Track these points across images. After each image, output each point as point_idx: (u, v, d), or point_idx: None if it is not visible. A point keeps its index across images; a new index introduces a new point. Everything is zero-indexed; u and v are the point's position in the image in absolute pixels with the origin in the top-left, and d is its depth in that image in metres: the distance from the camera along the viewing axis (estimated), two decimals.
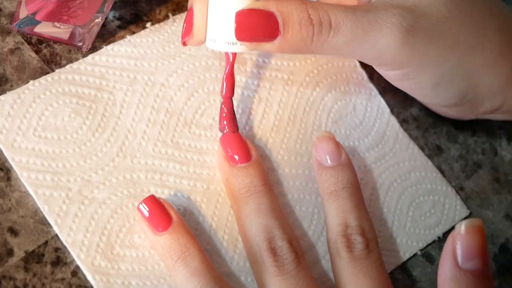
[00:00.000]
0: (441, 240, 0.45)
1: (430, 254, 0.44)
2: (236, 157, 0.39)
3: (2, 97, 0.39)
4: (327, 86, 0.45)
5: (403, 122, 0.47)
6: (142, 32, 0.43)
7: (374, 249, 0.39)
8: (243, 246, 0.39)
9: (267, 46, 0.37)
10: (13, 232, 0.37)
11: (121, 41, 0.42)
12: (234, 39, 0.37)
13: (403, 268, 0.43)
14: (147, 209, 0.37)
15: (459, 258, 0.34)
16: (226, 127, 0.40)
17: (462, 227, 0.35)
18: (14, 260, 0.36)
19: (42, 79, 0.40)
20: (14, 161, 0.37)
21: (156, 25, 0.43)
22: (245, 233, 0.38)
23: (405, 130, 0.47)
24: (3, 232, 0.37)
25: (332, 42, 0.37)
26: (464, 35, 0.40)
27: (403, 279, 0.43)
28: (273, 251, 0.37)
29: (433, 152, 0.48)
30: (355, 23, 0.37)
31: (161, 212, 0.37)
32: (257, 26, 0.36)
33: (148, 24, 0.43)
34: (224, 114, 0.40)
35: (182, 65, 0.43)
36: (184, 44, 0.39)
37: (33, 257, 0.36)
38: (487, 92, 0.42)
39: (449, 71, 0.40)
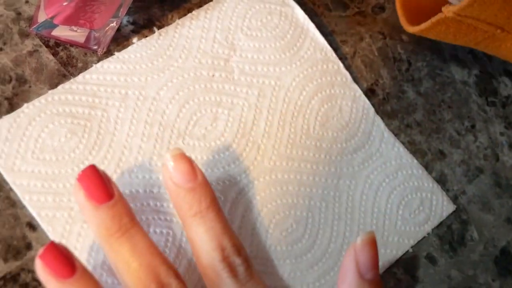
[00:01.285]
0: (443, 242, 0.45)
1: (433, 256, 0.45)
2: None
3: None
4: (313, 90, 0.46)
5: (406, 127, 0.48)
6: (130, 48, 0.43)
7: (252, 266, 0.37)
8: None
9: None
10: (32, 227, 0.38)
11: (110, 58, 0.42)
12: None
13: (406, 268, 0.44)
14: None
15: (362, 269, 0.36)
16: None
17: (363, 240, 0.37)
18: (32, 253, 0.37)
19: (36, 102, 0.40)
20: (16, 184, 0.38)
21: (143, 40, 0.43)
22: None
23: (409, 135, 0.48)
24: (22, 227, 0.38)
25: None
26: None
27: (405, 279, 0.44)
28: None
29: (436, 157, 0.48)
30: None
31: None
32: None
33: (135, 40, 0.44)
34: None
35: (172, 78, 0.43)
36: None
37: None
38: None
39: None
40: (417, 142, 0.48)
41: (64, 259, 0.33)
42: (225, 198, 0.41)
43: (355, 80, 0.48)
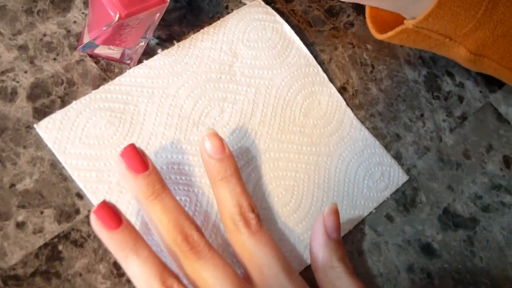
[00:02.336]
0: (398, 205, 0.46)
1: (391, 215, 0.45)
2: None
3: (53, 115, 0.39)
4: (297, 88, 0.46)
5: (371, 116, 0.48)
6: (155, 57, 0.43)
7: (262, 221, 0.38)
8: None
9: None
10: (79, 196, 0.38)
11: (139, 65, 0.43)
12: None
13: (370, 225, 0.44)
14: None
15: (328, 230, 0.39)
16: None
17: (329, 209, 0.39)
18: (80, 217, 0.38)
19: (82, 99, 0.40)
20: (67, 164, 0.38)
21: (165, 51, 0.44)
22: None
23: (372, 122, 0.48)
24: (72, 196, 0.38)
25: None
26: None
27: (369, 233, 0.44)
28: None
29: (393, 139, 0.48)
30: None
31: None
32: None
33: (159, 50, 0.44)
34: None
35: (188, 80, 0.43)
36: None
37: None
38: None
39: None
40: (379, 127, 0.48)
41: (113, 214, 0.34)
42: None
43: (331, 80, 0.48)
